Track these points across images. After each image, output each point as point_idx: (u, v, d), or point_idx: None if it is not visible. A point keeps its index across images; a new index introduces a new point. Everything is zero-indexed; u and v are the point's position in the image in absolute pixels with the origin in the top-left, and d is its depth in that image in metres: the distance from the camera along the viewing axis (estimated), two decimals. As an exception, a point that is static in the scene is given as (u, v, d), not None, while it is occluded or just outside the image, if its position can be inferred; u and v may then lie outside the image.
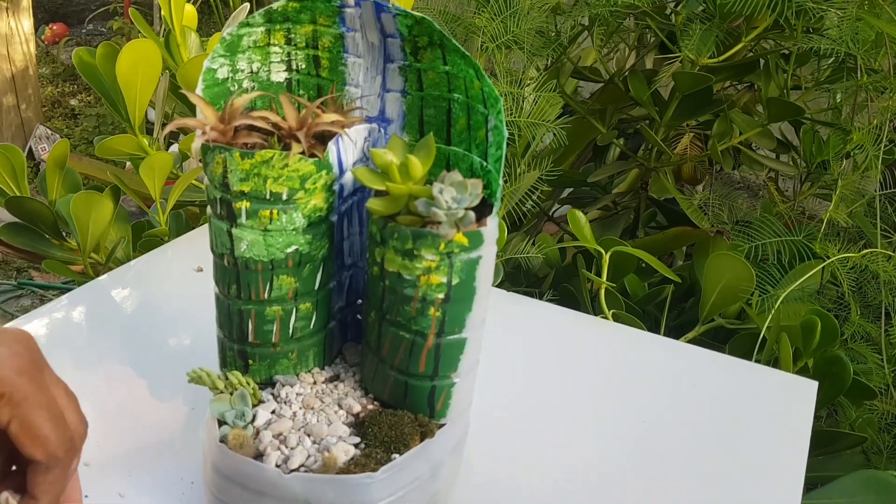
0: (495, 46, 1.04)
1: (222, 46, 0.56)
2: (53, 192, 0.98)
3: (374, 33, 0.57)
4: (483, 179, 0.55)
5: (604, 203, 1.38)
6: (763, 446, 0.74)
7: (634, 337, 0.89)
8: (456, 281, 0.53)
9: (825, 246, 0.98)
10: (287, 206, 0.54)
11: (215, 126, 0.53)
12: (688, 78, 1.08)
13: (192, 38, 1.00)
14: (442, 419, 0.57)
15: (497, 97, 0.53)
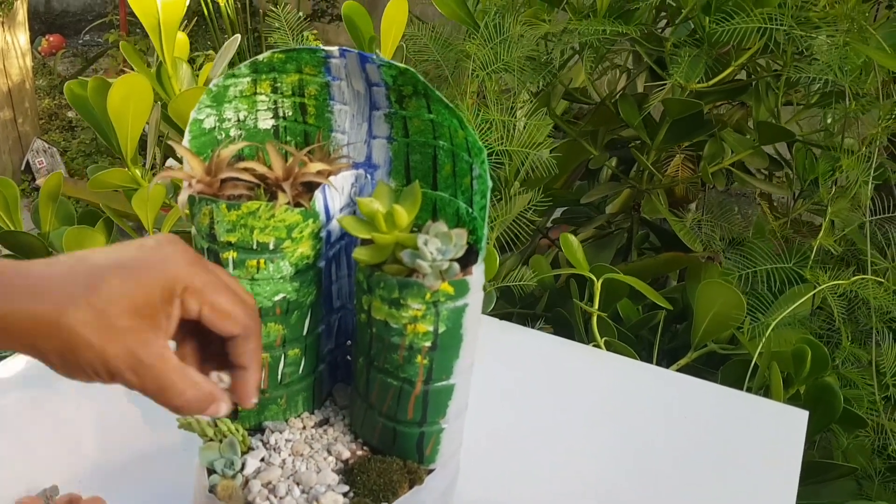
0: (486, 74, 1.04)
1: (209, 97, 0.57)
2: (47, 225, 0.98)
3: (359, 82, 0.57)
4: (469, 226, 0.55)
5: (597, 223, 1.38)
6: (754, 475, 0.74)
7: (627, 366, 0.89)
8: (442, 329, 0.53)
9: (815, 273, 0.98)
10: (274, 255, 0.55)
11: (202, 178, 0.53)
12: (677, 104, 1.09)
13: (184, 69, 1.00)
14: (431, 464, 0.58)
15: (481, 148, 0.53)
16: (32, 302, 0.42)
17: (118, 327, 0.43)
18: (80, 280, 0.43)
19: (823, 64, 0.95)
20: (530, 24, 1.11)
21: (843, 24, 0.98)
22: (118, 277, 0.44)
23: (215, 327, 0.48)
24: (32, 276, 0.43)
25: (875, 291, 0.96)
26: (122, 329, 0.43)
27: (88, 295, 0.43)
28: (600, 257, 1.30)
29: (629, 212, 1.39)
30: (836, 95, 1.07)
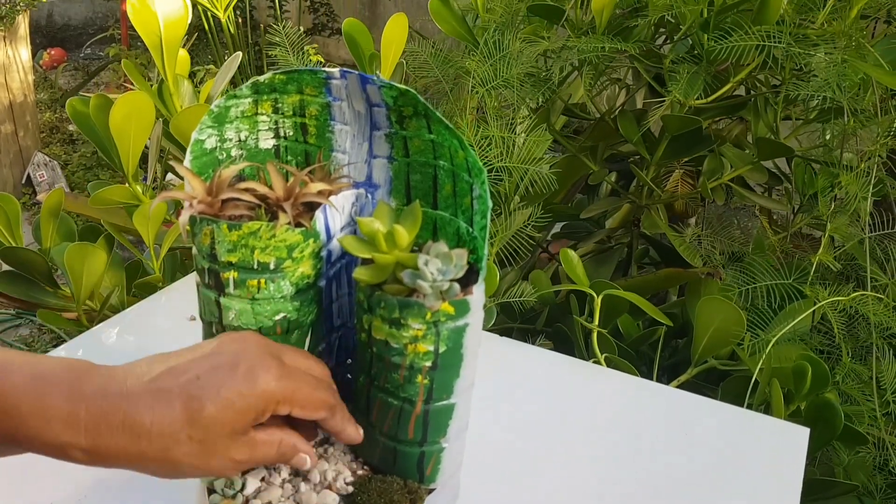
0: (486, 90, 1.05)
1: (210, 118, 0.57)
2: (48, 241, 0.99)
3: (360, 102, 0.58)
4: (469, 245, 0.56)
5: (597, 238, 1.39)
6: (755, 493, 0.74)
7: (627, 383, 0.89)
8: (443, 349, 0.53)
9: (815, 289, 0.98)
10: (275, 275, 0.55)
11: (203, 199, 0.54)
12: (676, 121, 1.09)
13: (185, 86, 1.01)
14: (432, 484, 0.58)
15: (481, 168, 0.54)
16: (137, 441, 0.46)
17: (217, 448, 0.48)
18: (179, 413, 0.46)
19: (822, 81, 0.96)
20: (529, 40, 1.12)
21: (841, 41, 0.99)
22: (215, 405, 0.47)
23: (305, 418, 0.53)
24: (132, 410, 0.46)
25: (875, 307, 0.96)
26: (221, 448, 0.48)
27: (189, 429, 0.47)
28: (600, 272, 1.31)
29: (629, 227, 1.39)
30: (835, 112, 1.08)
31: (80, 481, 0.69)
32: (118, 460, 0.46)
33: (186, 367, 0.48)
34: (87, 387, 0.46)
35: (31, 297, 0.97)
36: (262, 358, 0.50)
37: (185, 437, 0.46)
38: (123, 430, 0.46)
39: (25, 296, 0.97)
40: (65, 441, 0.45)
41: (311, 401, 0.52)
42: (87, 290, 0.93)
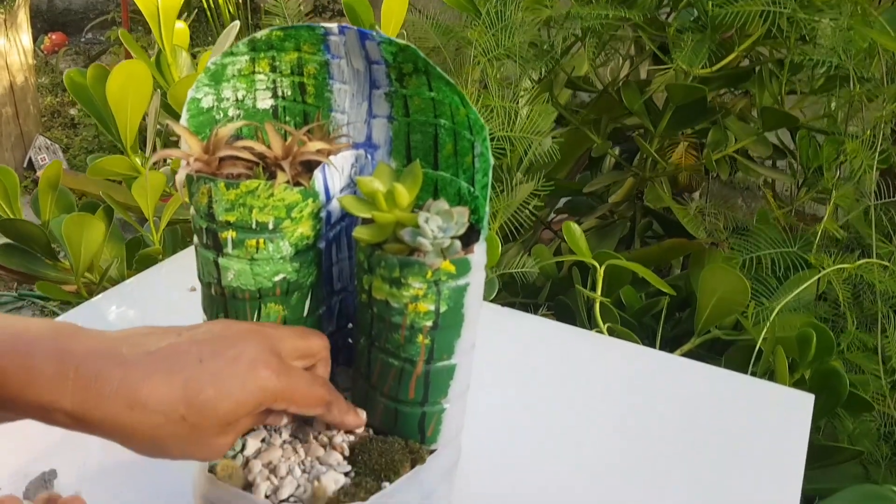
0: (487, 60, 1.04)
1: (206, 76, 0.56)
2: (46, 214, 0.98)
3: (359, 60, 0.57)
4: (470, 205, 0.55)
5: (600, 212, 1.38)
6: (760, 460, 0.74)
7: (630, 351, 0.88)
8: (444, 308, 0.53)
9: (820, 257, 0.98)
10: (273, 235, 0.54)
11: (199, 157, 0.53)
12: (681, 90, 1.08)
13: (183, 57, 1.00)
14: (433, 445, 0.57)
15: (482, 125, 0.53)
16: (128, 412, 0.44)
17: (206, 436, 0.47)
18: (177, 390, 0.45)
19: (827, 47, 0.94)
20: (532, 9, 1.11)
21: (847, 7, 0.98)
22: (215, 392, 0.46)
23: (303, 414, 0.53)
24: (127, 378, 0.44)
25: (880, 275, 0.95)
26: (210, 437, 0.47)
27: (184, 409, 0.45)
28: (603, 246, 1.30)
29: (632, 201, 1.38)
30: (841, 80, 1.07)
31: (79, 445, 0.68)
32: (103, 428, 0.45)
33: (188, 347, 0.47)
34: (77, 346, 0.44)
35: (30, 269, 0.97)
36: (264, 353, 0.49)
37: (178, 417, 0.45)
38: (116, 397, 0.44)
39: (24, 268, 0.96)
40: (48, 402, 0.43)
41: (307, 399, 0.52)
42: (85, 262, 0.92)
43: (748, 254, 1.02)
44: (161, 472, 0.65)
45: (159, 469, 0.66)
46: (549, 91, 1.14)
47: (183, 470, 0.62)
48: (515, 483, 0.69)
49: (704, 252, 1.13)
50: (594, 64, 1.23)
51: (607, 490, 0.69)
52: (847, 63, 0.93)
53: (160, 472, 0.65)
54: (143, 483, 0.64)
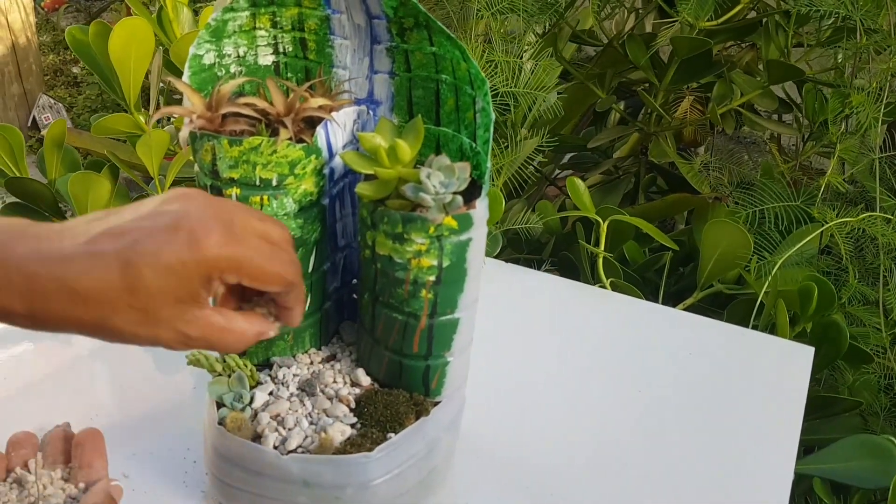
0: (491, 14, 1.03)
1: (207, 32, 0.56)
2: (52, 172, 0.98)
3: (359, 15, 0.56)
4: (472, 161, 0.55)
5: (605, 168, 1.37)
6: (759, 411, 0.75)
7: (632, 306, 0.89)
8: (446, 263, 0.53)
9: (823, 210, 0.98)
10: (277, 191, 0.54)
11: (203, 114, 0.53)
12: (686, 42, 1.07)
13: (185, 14, 0.99)
14: (437, 397, 0.58)
15: (483, 80, 0.53)
16: (73, 307, 0.42)
17: (162, 317, 0.44)
18: (116, 279, 0.43)
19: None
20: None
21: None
22: (154, 271, 0.43)
23: (259, 289, 0.49)
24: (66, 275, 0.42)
25: (883, 229, 0.95)
26: (167, 317, 0.44)
27: (128, 297, 0.43)
28: (607, 201, 1.30)
29: (637, 156, 1.38)
30: (848, 32, 1.05)
31: (90, 401, 0.70)
32: (59, 325, 0.43)
33: (125, 228, 0.44)
34: (20, 248, 0.42)
35: (38, 228, 0.97)
36: (205, 221, 0.45)
37: (124, 305, 0.43)
38: (59, 294, 0.42)
39: (33, 227, 0.97)
40: (3, 305, 0.42)
41: (264, 272, 0.47)
42: (93, 220, 0.93)
43: (751, 208, 1.02)
44: (172, 425, 0.67)
45: (170, 422, 0.68)
46: (553, 45, 1.13)
47: (194, 422, 0.64)
48: (517, 434, 0.70)
49: (708, 207, 1.13)
50: (599, 17, 1.21)
51: (609, 441, 0.70)
52: (855, 14, 0.92)
53: (171, 425, 0.67)
54: (154, 436, 0.66)
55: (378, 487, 0.55)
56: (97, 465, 0.50)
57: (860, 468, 0.77)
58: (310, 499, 0.54)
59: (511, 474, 0.66)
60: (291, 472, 0.53)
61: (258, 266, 0.47)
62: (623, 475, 0.67)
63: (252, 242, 0.47)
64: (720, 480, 0.67)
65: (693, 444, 0.70)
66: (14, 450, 0.50)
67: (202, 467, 0.63)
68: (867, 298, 0.97)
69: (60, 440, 0.52)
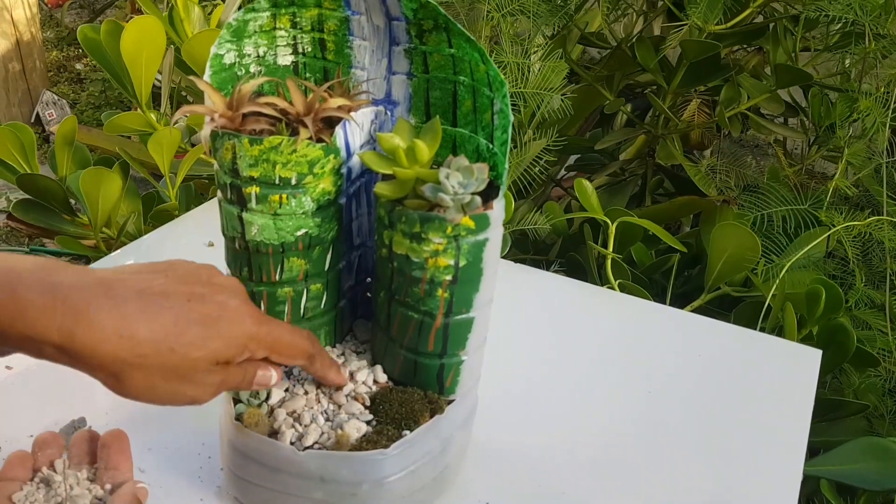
0: (501, 15, 1.03)
1: (228, 32, 0.56)
2: (63, 169, 0.99)
3: (379, 16, 0.57)
4: (489, 162, 0.56)
5: (611, 170, 1.38)
6: (767, 413, 0.75)
7: (640, 307, 0.90)
8: (463, 263, 0.54)
9: (831, 214, 0.98)
10: (296, 190, 0.55)
11: (224, 113, 0.54)
12: (695, 46, 1.08)
13: (196, 12, 0.99)
14: (451, 395, 0.59)
15: (502, 81, 0.53)
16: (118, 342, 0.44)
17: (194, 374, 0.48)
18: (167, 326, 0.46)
19: (843, 3, 0.94)
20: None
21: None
22: (202, 327, 0.47)
23: (284, 363, 0.54)
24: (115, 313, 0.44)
25: (890, 233, 0.96)
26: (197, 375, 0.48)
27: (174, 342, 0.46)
28: (613, 203, 1.30)
29: (643, 158, 1.38)
30: (856, 36, 1.06)
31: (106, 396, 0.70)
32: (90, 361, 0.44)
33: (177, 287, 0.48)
34: (65, 279, 0.44)
35: (48, 224, 0.98)
36: (247, 304, 0.50)
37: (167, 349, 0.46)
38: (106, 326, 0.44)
39: (43, 223, 0.97)
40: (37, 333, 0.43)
41: (289, 348, 0.53)
42: (103, 216, 0.93)
43: (759, 211, 1.03)
44: (188, 420, 0.68)
45: (186, 418, 0.68)
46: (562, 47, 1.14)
47: (210, 419, 0.64)
48: (527, 433, 0.70)
49: (716, 209, 1.13)
50: (608, 20, 1.22)
51: (617, 441, 0.70)
52: (864, 18, 0.92)
53: (187, 421, 0.67)
54: (170, 431, 0.66)
55: (393, 484, 0.55)
56: (123, 466, 0.51)
57: (866, 470, 0.78)
58: (326, 495, 0.55)
59: (521, 473, 0.66)
60: (308, 468, 0.54)
61: (286, 343, 0.52)
62: (632, 475, 0.67)
63: (279, 323, 0.53)
64: (729, 482, 0.67)
65: (702, 445, 0.71)
66: (40, 450, 0.51)
67: (217, 462, 0.63)
68: (873, 302, 0.98)
69: (86, 441, 0.52)
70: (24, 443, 0.52)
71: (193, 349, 0.47)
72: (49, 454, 0.51)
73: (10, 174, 0.98)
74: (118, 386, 0.46)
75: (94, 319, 0.43)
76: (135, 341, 0.45)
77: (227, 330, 0.48)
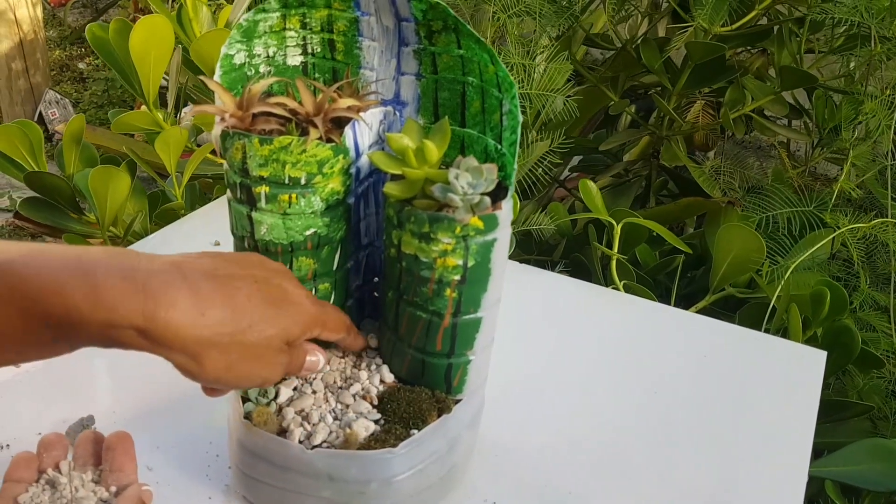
0: (507, 16, 1.03)
1: (239, 32, 0.57)
2: (71, 167, 0.99)
3: (388, 17, 0.57)
4: (497, 162, 0.56)
5: (615, 171, 1.38)
6: (772, 415, 0.75)
7: (646, 307, 0.90)
8: (472, 263, 0.54)
9: (836, 216, 0.98)
10: (305, 190, 0.55)
11: (234, 113, 0.54)
12: (700, 48, 1.08)
13: (204, 12, 1.00)
14: (458, 395, 0.59)
15: (512, 82, 0.53)
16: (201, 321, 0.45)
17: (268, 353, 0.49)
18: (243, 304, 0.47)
19: (849, 6, 0.94)
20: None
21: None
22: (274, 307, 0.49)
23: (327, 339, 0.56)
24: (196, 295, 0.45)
25: (894, 235, 0.96)
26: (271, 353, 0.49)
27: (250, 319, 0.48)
28: (617, 204, 1.31)
29: (647, 159, 1.39)
30: (861, 39, 1.06)
31: (115, 395, 0.71)
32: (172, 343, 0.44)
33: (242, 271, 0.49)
34: (140, 264, 0.44)
35: (55, 222, 0.98)
36: (301, 288, 0.53)
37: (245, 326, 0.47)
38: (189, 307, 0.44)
39: (50, 221, 0.98)
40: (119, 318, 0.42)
41: (337, 324, 0.56)
42: (111, 214, 0.94)
43: (763, 213, 1.03)
44: (196, 419, 0.68)
45: (195, 416, 0.68)
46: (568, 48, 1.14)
47: (217, 417, 0.65)
48: (531, 433, 0.71)
49: (720, 211, 1.14)
50: (613, 21, 1.22)
51: (622, 441, 0.71)
52: (869, 21, 0.93)
53: (195, 420, 0.68)
54: (178, 430, 0.67)
55: (401, 483, 0.56)
56: (127, 468, 0.51)
57: (871, 471, 0.78)
58: (334, 493, 0.55)
59: (527, 472, 0.67)
60: (317, 466, 0.54)
61: (335, 319, 0.56)
62: (637, 474, 0.68)
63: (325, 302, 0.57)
64: (734, 483, 0.67)
65: (707, 446, 0.71)
66: (46, 451, 0.51)
67: (225, 461, 0.63)
68: (878, 304, 0.98)
69: (91, 442, 0.53)
70: (31, 441, 0.52)
71: (268, 326, 0.48)
72: (54, 456, 0.51)
73: (18, 172, 0.98)
74: (197, 367, 0.46)
75: (175, 300, 0.44)
76: (215, 320, 0.45)
77: (293, 310, 0.50)
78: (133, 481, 0.51)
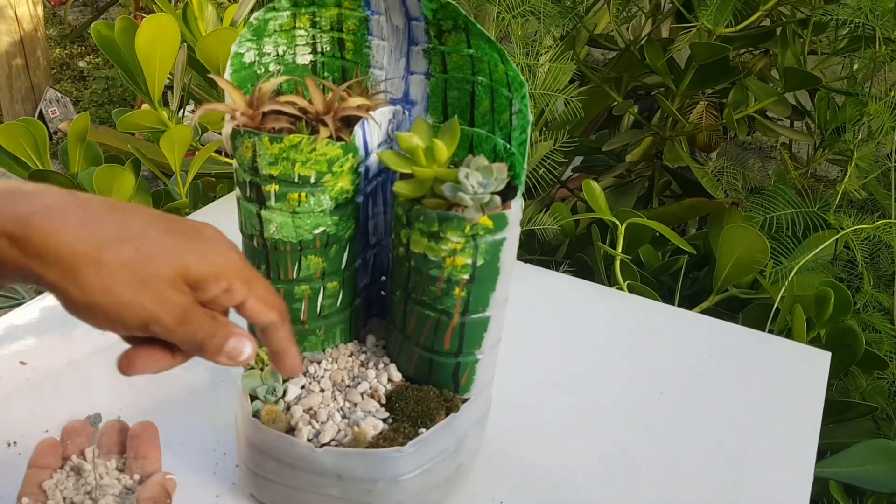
0: (511, 17, 1.04)
1: (249, 31, 0.57)
2: (75, 165, 0.99)
3: (398, 16, 0.57)
4: (507, 162, 0.56)
5: (618, 171, 1.38)
6: (777, 415, 0.75)
7: (650, 308, 0.90)
8: (480, 262, 0.54)
9: (839, 217, 0.99)
10: (315, 188, 0.55)
11: (244, 111, 0.54)
12: (704, 48, 1.08)
13: (209, 11, 1.00)
14: (466, 394, 0.59)
15: (522, 82, 0.54)
16: (78, 237, 0.40)
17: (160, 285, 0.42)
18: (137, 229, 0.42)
19: (854, 7, 0.94)
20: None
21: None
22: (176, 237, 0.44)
23: (256, 316, 0.47)
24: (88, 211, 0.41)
25: (898, 237, 0.96)
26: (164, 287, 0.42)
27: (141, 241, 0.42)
28: (620, 204, 1.31)
29: (650, 160, 1.39)
30: (865, 40, 1.06)
31: (123, 393, 0.71)
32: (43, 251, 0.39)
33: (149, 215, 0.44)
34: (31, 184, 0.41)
35: (60, 221, 0.98)
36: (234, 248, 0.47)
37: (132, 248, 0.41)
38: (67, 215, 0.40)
39: (55, 220, 0.97)
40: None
41: (268, 293, 0.47)
42: (116, 214, 0.93)
43: (766, 214, 1.03)
44: (203, 416, 0.68)
45: (202, 414, 0.68)
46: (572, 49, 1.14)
47: (224, 415, 0.65)
48: (536, 433, 0.71)
49: (724, 211, 1.14)
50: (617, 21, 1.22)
51: (627, 442, 0.71)
52: (874, 22, 0.93)
53: (202, 418, 0.68)
54: (185, 427, 0.67)
55: (408, 482, 0.56)
56: (152, 457, 0.51)
57: (875, 472, 0.78)
58: (341, 491, 0.55)
59: (532, 472, 0.67)
60: (325, 464, 0.54)
61: (265, 288, 0.47)
62: (642, 474, 0.68)
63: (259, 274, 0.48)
64: (739, 483, 0.68)
65: (712, 446, 0.71)
66: (70, 438, 0.51)
67: (232, 459, 0.63)
68: (881, 305, 0.98)
69: (116, 431, 0.52)
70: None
71: (162, 254, 0.42)
72: (79, 443, 0.51)
73: (23, 170, 0.98)
74: (72, 285, 0.40)
75: (54, 207, 0.40)
76: (98, 235, 0.40)
77: (206, 249, 0.44)
78: (157, 470, 0.51)
